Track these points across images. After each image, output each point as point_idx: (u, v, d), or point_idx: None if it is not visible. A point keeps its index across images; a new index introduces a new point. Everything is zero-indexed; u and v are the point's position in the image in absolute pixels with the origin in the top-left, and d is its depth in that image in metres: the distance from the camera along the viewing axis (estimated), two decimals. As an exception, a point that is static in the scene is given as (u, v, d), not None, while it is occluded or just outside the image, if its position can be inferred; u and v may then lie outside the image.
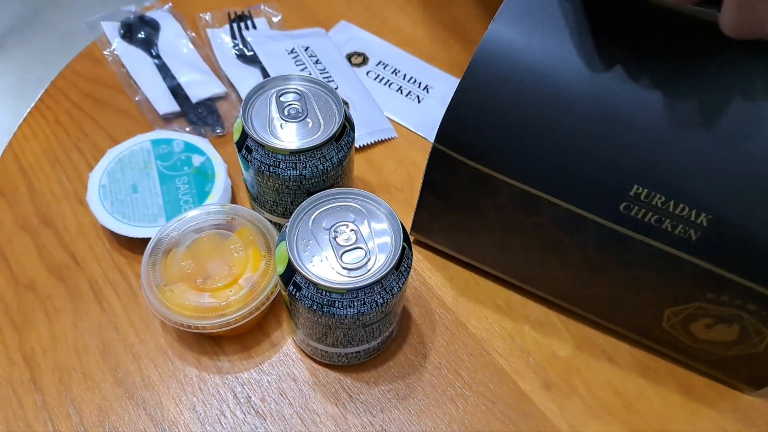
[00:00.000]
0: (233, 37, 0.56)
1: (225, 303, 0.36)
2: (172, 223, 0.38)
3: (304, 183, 0.36)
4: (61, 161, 0.47)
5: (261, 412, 0.36)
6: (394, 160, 0.49)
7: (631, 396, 0.38)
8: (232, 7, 0.58)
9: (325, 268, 0.31)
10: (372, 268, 0.31)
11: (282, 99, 0.37)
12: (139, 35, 0.55)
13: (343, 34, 0.58)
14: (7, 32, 1.54)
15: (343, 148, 0.36)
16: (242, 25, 0.57)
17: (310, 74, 0.47)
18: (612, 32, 0.32)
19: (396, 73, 0.55)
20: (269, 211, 0.40)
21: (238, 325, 0.36)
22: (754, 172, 0.29)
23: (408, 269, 0.32)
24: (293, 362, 0.38)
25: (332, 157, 0.36)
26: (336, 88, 0.50)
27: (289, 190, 0.37)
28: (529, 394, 0.38)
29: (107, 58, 0.53)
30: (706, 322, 0.34)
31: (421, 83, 0.54)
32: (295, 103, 0.37)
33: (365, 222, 0.32)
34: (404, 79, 0.54)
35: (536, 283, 0.40)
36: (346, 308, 0.30)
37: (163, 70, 0.52)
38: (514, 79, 0.32)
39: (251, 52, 0.54)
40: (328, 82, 0.47)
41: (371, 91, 0.53)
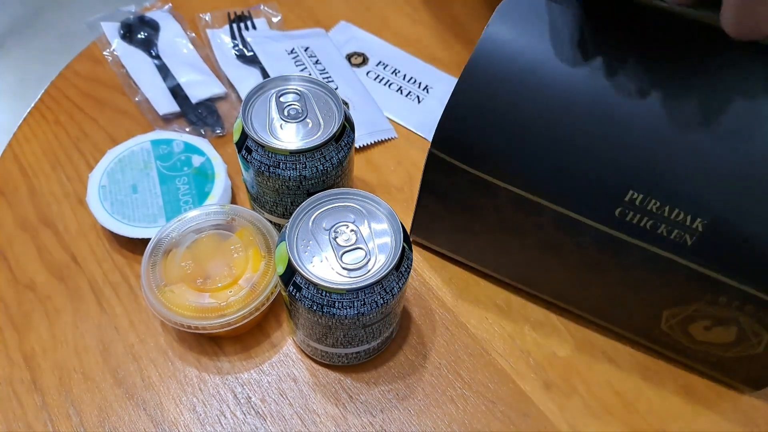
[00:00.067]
0: (233, 37, 0.56)
1: (225, 303, 0.36)
2: (172, 224, 0.38)
3: (304, 183, 0.36)
4: (61, 161, 0.47)
5: (261, 413, 0.36)
6: (394, 160, 0.49)
7: (631, 396, 0.38)
8: (231, 8, 0.58)
9: (325, 269, 0.31)
10: (372, 268, 0.31)
11: (282, 99, 0.37)
12: (139, 35, 0.55)
13: (342, 34, 0.58)
14: (7, 32, 1.54)
15: (343, 149, 0.36)
16: (242, 25, 0.57)
17: (310, 74, 0.47)
18: (607, 38, 0.32)
19: (396, 73, 0.55)
20: (269, 212, 0.40)
21: (238, 325, 0.36)
22: (750, 176, 0.29)
23: (408, 270, 0.32)
24: (293, 363, 0.38)
25: (332, 158, 0.36)
26: (336, 89, 0.50)
27: (289, 190, 0.37)
28: (529, 395, 0.38)
29: (107, 59, 0.53)
30: (705, 323, 0.34)
31: (421, 83, 0.54)
32: (295, 104, 0.37)
33: (365, 222, 0.32)
34: (404, 79, 0.54)
35: (535, 284, 0.40)
36: (346, 309, 0.30)
37: (163, 71, 0.52)
38: (510, 85, 0.32)
39: (251, 53, 0.54)
40: (328, 83, 0.47)
41: (371, 92, 0.53)
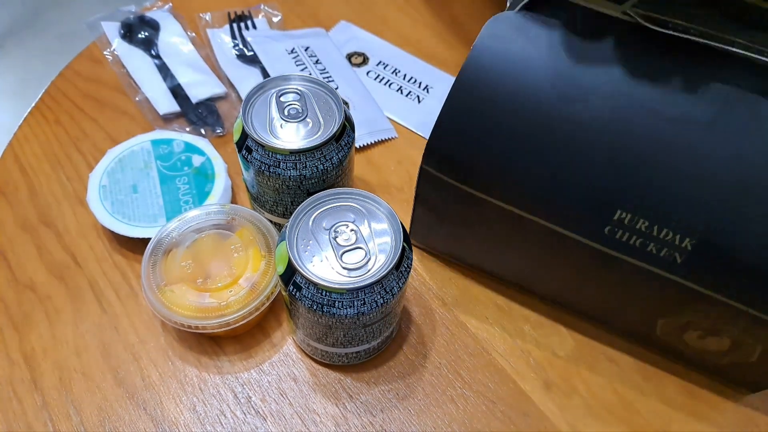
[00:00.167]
0: (233, 37, 0.56)
1: (225, 303, 0.36)
2: (173, 224, 0.38)
3: (304, 183, 0.36)
4: (62, 161, 0.47)
5: (261, 413, 0.36)
6: (394, 160, 0.49)
7: (632, 396, 0.38)
8: (232, 7, 0.58)
9: (325, 268, 0.31)
10: (372, 268, 0.31)
11: (282, 99, 0.37)
12: (139, 35, 0.55)
13: (343, 34, 0.58)
14: (7, 32, 1.54)
15: (343, 148, 0.36)
16: (242, 25, 0.57)
17: (310, 74, 0.47)
18: (597, 56, 0.31)
19: (396, 73, 0.55)
20: (269, 211, 0.40)
21: (239, 325, 0.36)
22: (737, 196, 0.29)
23: (408, 269, 0.32)
24: (293, 362, 0.38)
25: (332, 157, 0.36)
26: (336, 88, 0.50)
27: (289, 190, 0.37)
28: (530, 394, 0.38)
29: (107, 59, 0.53)
30: (698, 333, 0.34)
31: (421, 83, 0.54)
32: (295, 103, 0.37)
33: (365, 222, 0.32)
34: (404, 79, 0.54)
35: (533, 287, 0.40)
36: (346, 308, 0.30)
37: (163, 70, 0.52)
38: (499, 102, 0.32)
39: (251, 52, 0.54)
40: (328, 82, 0.47)
41: (371, 91, 0.53)
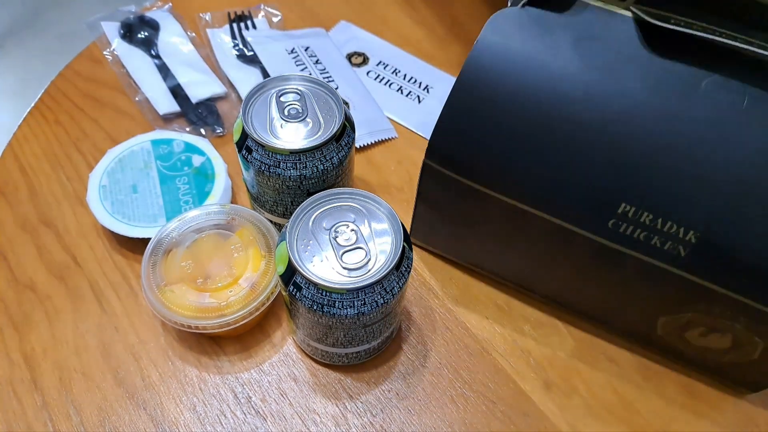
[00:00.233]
0: (233, 37, 0.56)
1: (225, 303, 0.36)
2: (173, 224, 0.38)
3: (304, 183, 0.36)
4: (62, 161, 0.47)
5: (261, 413, 0.36)
6: (394, 160, 0.49)
7: (632, 396, 0.38)
8: (232, 7, 0.58)
9: (325, 269, 0.31)
10: (372, 268, 0.31)
11: (282, 99, 0.37)
12: (139, 35, 0.55)
13: (343, 34, 0.58)
14: (7, 32, 1.54)
15: (343, 148, 0.36)
16: (242, 25, 0.57)
17: (310, 74, 0.47)
18: (601, 50, 0.31)
19: (396, 73, 0.55)
20: (269, 211, 0.40)
21: (239, 325, 0.36)
22: (742, 189, 0.29)
23: (408, 269, 0.32)
24: (293, 362, 0.38)
25: (332, 157, 0.36)
26: (336, 88, 0.50)
27: (289, 190, 0.37)
28: (530, 394, 0.38)
29: (107, 59, 0.53)
30: (700, 330, 0.34)
31: (421, 83, 0.54)
32: (295, 103, 0.37)
33: (365, 222, 0.32)
34: (404, 79, 0.54)
35: (532, 288, 0.40)
36: (346, 308, 0.30)
37: (163, 70, 0.52)
38: (502, 96, 0.32)
39: (251, 52, 0.54)
40: (328, 82, 0.47)
41: (371, 91, 0.53)
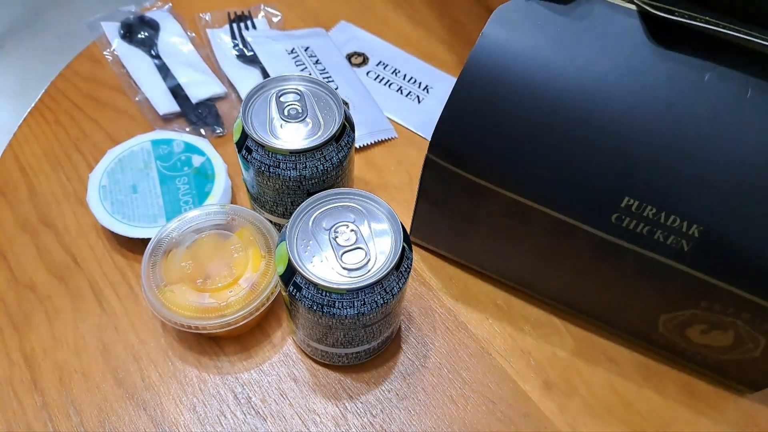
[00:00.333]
0: (233, 37, 0.56)
1: (225, 303, 0.36)
2: (172, 224, 0.38)
3: (304, 183, 0.36)
4: (62, 161, 0.47)
5: (261, 413, 0.36)
6: (394, 160, 0.49)
7: (632, 396, 0.38)
8: (232, 7, 0.58)
9: (325, 269, 0.31)
10: (372, 268, 0.31)
11: (282, 99, 0.37)
12: (139, 35, 0.55)
13: (343, 34, 0.58)
14: (7, 32, 1.54)
15: (343, 149, 0.36)
16: (242, 25, 0.57)
17: (310, 74, 0.47)
18: (604, 44, 0.31)
19: (396, 73, 0.55)
20: (269, 212, 0.40)
21: (239, 325, 0.36)
22: (745, 183, 0.29)
23: (408, 270, 0.32)
24: (293, 363, 0.38)
25: (332, 158, 0.36)
26: (336, 88, 0.50)
27: (289, 190, 0.37)
28: (530, 395, 0.38)
29: (107, 59, 0.53)
30: (701, 328, 0.34)
31: (421, 83, 0.54)
32: (295, 104, 0.37)
33: (365, 222, 0.32)
34: (404, 79, 0.54)
35: (533, 287, 0.40)
36: (346, 309, 0.30)
37: (163, 71, 0.52)
38: (505, 91, 0.32)
39: (251, 52, 0.54)
40: (328, 82, 0.47)
41: (371, 91, 0.53)
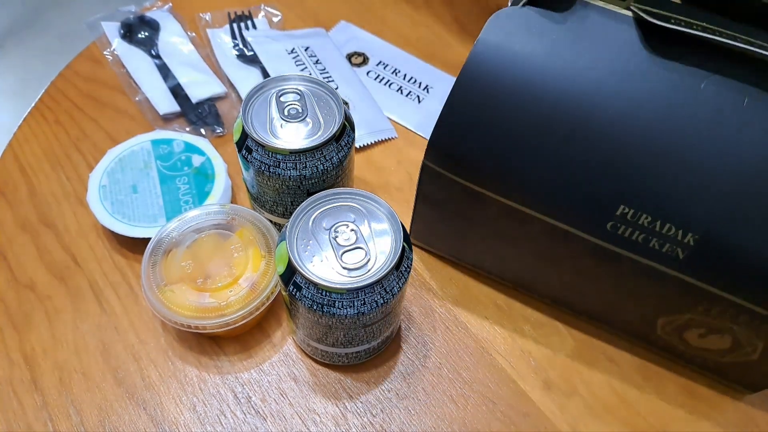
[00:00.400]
0: (233, 37, 0.56)
1: (225, 303, 0.36)
2: (173, 224, 0.38)
3: (304, 183, 0.36)
4: (62, 161, 0.47)
5: (261, 413, 0.36)
6: (394, 160, 0.49)
7: (632, 396, 0.38)
8: (232, 7, 0.58)
9: (325, 268, 0.31)
10: (372, 268, 0.31)
11: (282, 99, 0.37)
12: (139, 35, 0.55)
13: (343, 34, 0.58)
14: (7, 32, 1.54)
15: (343, 148, 0.36)
16: (242, 25, 0.57)
17: (310, 74, 0.47)
18: (601, 51, 0.31)
19: (396, 73, 0.55)
20: (269, 211, 0.40)
21: (239, 325, 0.36)
22: (741, 191, 0.29)
23: (408, 269, 0.32)
24: (293, 362, 0.38)
25: (332, 157, 0.36)
26: (336, 88, 0.50)
27: (289, 190, 0.37)
28: (530, 395, 0.38)
29: (107, 59, 0.53)
30: (699, 331, 0.34)
31: (421, 83, 0.54)
32: (295, 103, 0.37)
33: (365, 222, 0.32)
34: (404, 79, 0.54)
35: (533, 288, 0.40)
36: (346, 308, 0.30)
37: (163, 70, 0.52)
38: (502, 98, 0.32)
39: (251, 52, 0.54)
40: (328, 82, 0.47)
41: (371, 91, 0.53)
